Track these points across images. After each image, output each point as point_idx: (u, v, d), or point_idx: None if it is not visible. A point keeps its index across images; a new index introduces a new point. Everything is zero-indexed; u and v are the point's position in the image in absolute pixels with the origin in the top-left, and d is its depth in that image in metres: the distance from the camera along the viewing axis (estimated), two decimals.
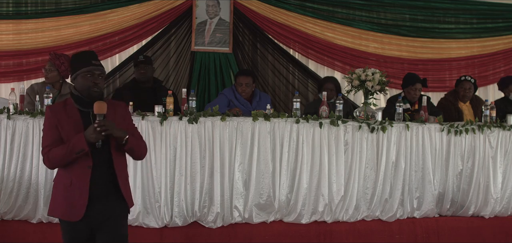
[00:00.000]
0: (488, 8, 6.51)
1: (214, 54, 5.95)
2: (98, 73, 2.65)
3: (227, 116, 4.11)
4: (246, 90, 4.89)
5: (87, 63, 2.63)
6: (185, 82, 5.92)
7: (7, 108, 4.00)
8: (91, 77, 2.63)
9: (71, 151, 2.53)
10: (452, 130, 4.53)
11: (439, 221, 4.54)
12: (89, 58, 2.66)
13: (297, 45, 6.17)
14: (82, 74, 2.63)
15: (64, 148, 2.55)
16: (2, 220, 3.98)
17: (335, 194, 4.27)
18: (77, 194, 2.60)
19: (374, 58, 6.26)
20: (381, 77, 4.50)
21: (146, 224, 4.02)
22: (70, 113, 2.64)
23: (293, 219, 4.26)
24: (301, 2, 6.11)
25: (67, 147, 2.55)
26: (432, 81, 6.14)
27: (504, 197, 4.70)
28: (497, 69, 6.60)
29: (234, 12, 5.97)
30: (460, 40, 6.50)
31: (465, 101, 5.41)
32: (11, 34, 5.59)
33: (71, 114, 2.63)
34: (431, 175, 4.47)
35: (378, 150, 4.37)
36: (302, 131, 4.23)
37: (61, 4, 5.67)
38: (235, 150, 4.12)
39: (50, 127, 2.62)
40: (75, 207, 2.61)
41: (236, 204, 4.14)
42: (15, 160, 3.95)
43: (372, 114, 4.49)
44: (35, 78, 5.52)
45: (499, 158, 4.65)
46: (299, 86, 6.12)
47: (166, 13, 5.84)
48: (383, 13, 6.33)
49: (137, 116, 4.01)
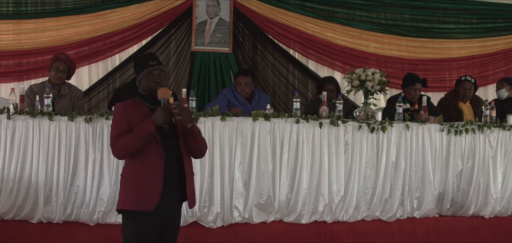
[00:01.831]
0: (488, 8, 6.51)
1: (214, 54, 5.95)
2: (158, 72, 2.77)
3: (227, 116, 4.11)
4: (245, 90, 4.89)
5: (144, 65, 2.78)
6: (185, 82, 5.92)
7: (7, 108, 4.00)
8: (152, 78, 2.76)
9: (140, 135, 2.64)
10: (452, 130, 4.53)
11: (439, 221, 4.54)
12: (146, 60, 2.81)
13: (297, 45, 6.17)
14: (144, 77, 2.78)
15: (134, 134, 2.66)
16: (2, 220, 3.98)
17: (335, 194, 4.27)
18: (150, 182, 2.67)
19: (374, 58, 6.26)
20: (381, 77, 4.50)
21: None
22: (141, 109, 2.76)
23: (293, 219, 4.26)
24: (301, 2, 6.11)
25: (136, 132, 2.66)
26: (432, 81, 6.14)
27: (504, 197, 4.70)
28: (497, 69, 6.60)
29: (234, 12, 5.97)
30: (460, 40, 6.49)
31: (465, 101, 5.41)
32: (11, 34, 5.59)
33: (142, 111, 2.75)
34: (431, 175, 4.47)
35: (378, 150, 4.37)
36: (302, 131, 4.23)
37: (61, 4, 5.67)
38: (235, 150, 4.12)
39: (122, 119, 2.72)
40: (148, 196, 2.66)
41: (236, 204, 4.14)
42: (15, 160, 3.95)
43: (372, 114, 4.49)
44: (35, 78, 5.52)
45: (499, 158, 4.65)
46: (299, 86, 6.12)
47: (166, 13, 5.84)
48: (383, 13, 6.33)
49: None
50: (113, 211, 4.02)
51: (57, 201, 3.94)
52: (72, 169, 3.97)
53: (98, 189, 4.00)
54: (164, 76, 2.81)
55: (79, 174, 3.99)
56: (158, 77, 2.77)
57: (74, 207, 4.00)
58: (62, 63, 4.58)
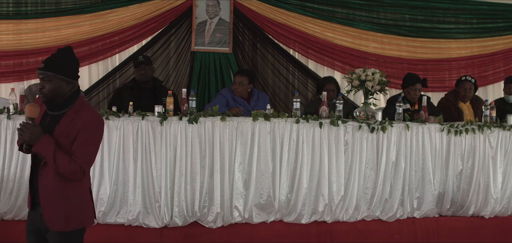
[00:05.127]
0: (488, 8, 6.51)
1: (214, 54, 5.95)
2: (41, 78, 2.54)
3: (227, 117, 4.11)
4: (238, 89, 4.89)
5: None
6: (185, 82, 5.91)
7: (7, 108, 4.00)
8: (39, 84, 2.58)
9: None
10: (452, 130, 4.53)
11: (439, 221, 4.54)
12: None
13: (297, 45, 6.17)
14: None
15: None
16: (2, 220, 3.98)
17: (335, 194, 4.27)
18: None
19: (374, 58, 6.26)
20: (381, 77, 4.51)
21: (146, 224, 4.02)
22: (41, 111, 2.63)
23: (293, 219, 4.26)
24: (301, 2, 6.10)
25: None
26: (432, 81, 6.14)
27: (504, 197, 4.70)
28: (497, 69, 6.60)
29: (234, 12, 5.97)
30: (460, 40, 6.49)
31: (465, 101, 5.41)
32: (11, 34, 5.59)
33: (41, 112, 2.62)
34: (431, 175, 4.47)
35: (378, 150, 4.37)
36: (302, 131, 4.23)
37: (61, 4, 5.66)
38: (235, 150, 4.12)
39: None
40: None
41: (236, 204, 4.14)
42: (15, 160, 3.95)
43: (372, 114, 4.49)
44: (35, 78, 5.51)
45: (499, 158, 4.65)
46: (299, 86, 6.12)
47: (166, 13, 5.84)
48: (383, 13, 6.33)
49: (137, 116, 4.02)
50: (113, 211, 4.03)
51: None
52: None
53: (98, 189, 4.00)
54: (48, 82, 2.51)
55: None
56: (41, 84, 2.53)
57: None
58: None
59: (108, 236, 3.97)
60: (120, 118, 4.02)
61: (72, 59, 2.62)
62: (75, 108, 2.57)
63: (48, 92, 2.52)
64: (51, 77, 2.50)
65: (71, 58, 2.61)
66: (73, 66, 2.61)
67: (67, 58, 2.59)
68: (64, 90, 2.54)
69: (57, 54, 2.57)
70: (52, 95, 2.53)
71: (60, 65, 2.53)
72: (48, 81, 2.51)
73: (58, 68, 2.51)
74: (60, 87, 2.53)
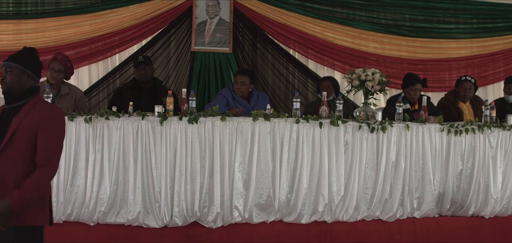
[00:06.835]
0: (488, 8, 6.50)
1: (214, 54, 5.95)
2: (4, 69, 2.69)
3: (227, 116, 4.12)
4: (240, 89, 4.89)
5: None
6: (185, 82, 5.91)
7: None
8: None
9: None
10: (452, 130, 4.53)
11: (439, 221, 4.54)
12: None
13: (297, 45, 6.16)
14: None
15: None
16: None
17: (335, 194, 4.27)
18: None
19: (374, 58, 6.25)
20: (381, 77, 4.51)
21: (146, 224, 4.02)
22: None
23: (293, 219, 4.26)
24: (301, 2, 6.10)
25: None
26: (432, 81, 6.14)
27: (504, 197, 4.70)
28: (497, 69, 6.59)
29: (234, 12, 5.97)
30: (460, 40, 6.48)
31: (465, 101, 5.41)
32: (11, 34, 5.57)
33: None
34: (431, 175, 4.47)
35: (378, 150, 4.37)
36: (302, 131, 4.23)
37: (61, 4, 5.66)
38: (235, 150, 4.12)
39: None
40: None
41: (236, 204, 4.14)
42: None
43: (372, 114, 4.49)
44: None
45: (499, 158, 4.66)
46: (299, 86, 6.12)
47: (166, 13, 5.83)
48: (383, 13, 6.32)
49: (137, 116, 4.02)
50: (113, 211, 4.03)
51: (57, 201, 3.95)
52: (72, 169, 3.98)
53: (98, 189, 4.00)
54: (10, 73, 2.65)
55: (79, 174, 3.99)
56: (3, 75, 2.67)
57: (74, 207, 4.00)
58: (58, 63, 4.56)
59: (108, 236, 3.97)
60: (120, 118, 4.02)
61: (35, 58, 2.78)
62: (34, 101, 2.69)
63: (9, 82, 2.66)
64: (13, 68, 2.66)
65: (34, 56, 2.78)
66: (35, 63, 2.76)
67: (31, 55, 2.76)
68: (24, 83, 2.68)
69: (22, 51, 2.75)
70: (13, 86, 2.66)
71: (22, 58, 2.70)
72: (10, 72, 2.66)
73: (20, 60, 2.68)
74: (21, 79, 2.67)
